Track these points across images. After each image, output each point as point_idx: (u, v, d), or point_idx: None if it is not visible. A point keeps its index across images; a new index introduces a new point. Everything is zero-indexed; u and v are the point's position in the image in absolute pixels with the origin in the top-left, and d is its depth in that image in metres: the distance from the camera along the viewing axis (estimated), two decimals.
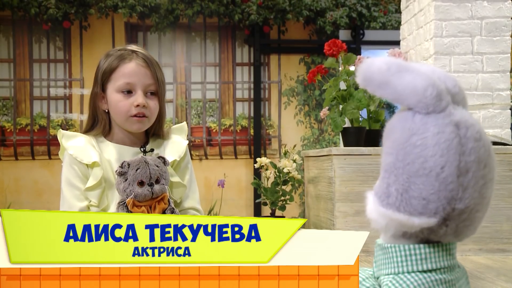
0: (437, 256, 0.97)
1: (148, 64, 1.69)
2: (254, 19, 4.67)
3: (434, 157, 0.91)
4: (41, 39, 4.58)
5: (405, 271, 0.96)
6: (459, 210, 0.92)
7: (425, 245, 0.97)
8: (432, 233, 0.95)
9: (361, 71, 0.96)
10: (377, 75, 0.94)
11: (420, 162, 0.91)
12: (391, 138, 0.96)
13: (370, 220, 0.99)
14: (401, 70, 0.93)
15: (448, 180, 0.91)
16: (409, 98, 0.93)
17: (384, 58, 0.97)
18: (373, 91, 0.96)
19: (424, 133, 0.92)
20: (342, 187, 2.66)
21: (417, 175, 0.92)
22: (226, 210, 4.63)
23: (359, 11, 4.77)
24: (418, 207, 0.92)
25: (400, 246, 0.98)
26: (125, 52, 1.70)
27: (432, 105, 0.92)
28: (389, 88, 0.94)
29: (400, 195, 0.93)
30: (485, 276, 2.22)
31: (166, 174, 1.67)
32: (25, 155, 4.53)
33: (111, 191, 1.69)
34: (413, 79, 0.92)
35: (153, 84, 1.70)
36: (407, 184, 0.93)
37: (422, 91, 0.92)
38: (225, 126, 4.67)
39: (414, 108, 0.93)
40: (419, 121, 0.93)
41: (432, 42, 2.88)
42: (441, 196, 0.91)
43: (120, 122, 1.69)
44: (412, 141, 0.92)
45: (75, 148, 1.69)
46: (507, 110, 2.91)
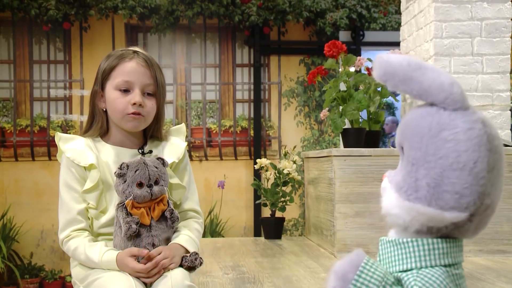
0: (456, 251, 0.98)
1: (148, 64, 1.70)
2: (254, 20, 4.68)
3: (467, 152, 0.92)
4: (41, 40, 4.59)
5: (428, 265, 0.96)
6: (485, 205, 0.95)
7: (446, 240, 0.97)
8: (456, 229, 0.96)
9: (381, 65, 0.97)
10: (399, 70, 0.95)
11: (453, 156, 0.93)
12: (417, 133, 0.96)
13: (389, 216, 0.98)
14: (421, 67, 0.95)
15: (480, 175, 0.92)
16: (436, 94, 0.94)
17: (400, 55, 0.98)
18: (394, 86, 0.97)
19: (454, 128, 0.93)
20: (342, 188, 2.66)
21: (451, 169, 0.93)
22: (226, 211, 4.63)
23: (359, 12, 4.77)
24: (451, 201, 0.93)
25: (422, 240, 0.97)
26: (126, 52, 1.71)
27: (460, 102, 0.94)
28: (414, 84, 0.95)
29: (432, 189, 0.94)
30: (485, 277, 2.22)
31: (165, 176, 1.67)
32: (25, 156, 4.53)
33: (109, 192, 1.69)
34: (438, 76, 0.94)
35: (152, 85, 1.70)
36: (439, 178, 0.93)
37: (449, 87, 0.94)
38: (225, 127, 4.67)
39: (440, 104, 0.95)
40: (447, 117, 0.94)
41: (432, 43, 2.88)
42: (473, 191, 0.93)
43: (117, 120, 1.70)
44: (443, 136, 0.93)
45: (72, 151, 1.69)
46: (507, 111, 2.91)
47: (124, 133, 1.73)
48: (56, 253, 4.47)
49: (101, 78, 1.71)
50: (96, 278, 1.59)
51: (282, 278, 2.22)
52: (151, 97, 1.71)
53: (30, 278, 4.48)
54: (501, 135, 2.88)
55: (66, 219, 1.67)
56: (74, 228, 1.66)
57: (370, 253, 2.64)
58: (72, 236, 1.66)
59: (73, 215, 1.66)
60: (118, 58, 1.69)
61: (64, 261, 4.44)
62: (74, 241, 1.65)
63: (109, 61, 1.70)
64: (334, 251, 2.68)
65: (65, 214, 1.67)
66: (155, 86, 1.70)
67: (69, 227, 1.66)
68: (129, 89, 1.68)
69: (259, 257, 2.68)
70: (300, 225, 4.64)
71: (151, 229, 1.63)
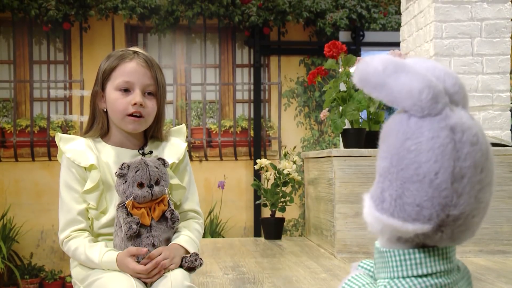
0: (433, 261, 0.95)
1: (149, 64, 1.70)
2: (254, 20, 4.68)
3: (428, 163, 0.88)
4: (41, 40, 4.59)
5: (400, 276, 0.95)
6: (453, 216, 0.90)
7: (420, 250, 0.95)
8: (427, 238, 0.93)
9: (358, 71, 0.94)
10: (372, 76, 0.91)
11: (414, 168, 0.89)
12: (386, 141, 0.94)
13: (366, 223, 0.98)
14: (397, 70, 0.91)
15: (442, 186, 0.88)
16: (404, 101, 0.90)
17: (382, 57, 0.94)
18: (369, 92, 0.93)
19: (418, 137, 0.89)
20: (342, 188, 2.66)
21: (411, 181, 0.89)
22: (226, 212, 4.63)
23: (359, 12, 4.77)
24: (412, 213, 0.90)
25: (395, 251, 0.96)
26: (127, 52, 1.71)
27: (427, 108, 0.89)
28: (385, 90, 0.91)
29: (394, 201, 0.91)
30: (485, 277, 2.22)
31: (165, 176, 1.67)
32: (25, 157, 4.53)
33: (109, 193, 1.69)
34: (409, 80, 0.89)
35: (152, 85, 1.70)
36: (401, 190, 0.90)
37: (417, 94, 0.89)
38: (225, 127, 4.68)
39: (409, 111, 0.91)
40: (414, 125, 0.90)
41: (432, 44, 2.88)
42: (434, 203, 0.89)
43: (117, 120, 1.70)
44: (406, 146, 0.90)
45: (73, 151, 1.69)
46: (507, 112, 2.91)
47: (124, 133, 1.73)
48: (56, 253, 4.47)
49: (101, 78, 1.71)
50: (97, 278, 1.59)
51: (282, 278, 2.22)
52: (152, 97, 1.71)
53: (30, 278, 4.48)
54: (501, 135, 2.88)
55: (66, 219, 1.67)
56: (74, 229, 1.66)
57: (369, 253, 2.64)
58: (72, 236, 1.66)
59: (73, 215, 1.66)
60: (119, 59, 1.69)
61: (64, 261, 4.44)
62: (74, 242, 1.65)
63: (109, 62, 1.70)
64: (334, 252, 2.68)
65: (65, 215, 1.67)
66: (156, 86, 1.70)
67: (69, 228, 1.66)
68: (130, 89, 1.68)
69: (259, 258, 2.68)
70: (300, 225, 4.64)
71: (151, 229, 1.63)
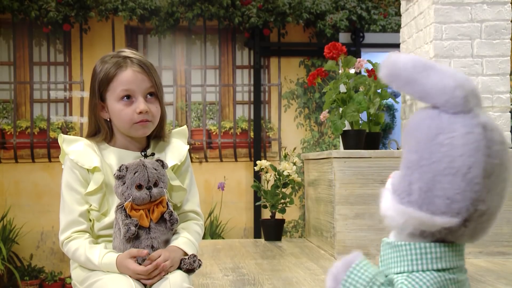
0: (451, 256, 0.97)
1: (144, 69, 1.69)
2: (254, 22, 4.68)
3: (462, 157, 0.91)
4: (41, 42, 4.59)
5: (420, 269, 0.96)
6: (481, 211, 0.93)
7: (440, 244, 0.97)
8: (450, 234, 0.95)
9: (387, 66, 0.97)
10: (403, 72, 0.95)
11: (447, 161, 0.91)
12: (415, 136, 0.96)
13: (385, 217, 0.98)
14: (427, 68, 0.94)
15: (474, 181, 0.91)
16: (437, 97, 0.93)
17: (409, 55, 0.98)
18: (398, 87, 0.97)
19: (451, 132, 0.92)
20: (342, 189, 2.66)
21: (443, 174, 0.92)
22: (226, 213, 4.63)
23: (359, 14, 4.77)
24: (441, 206, 0.92)
25: (415, 244, 0.97)
26: (120, 59, 1.68)
27: (460, 105, 0.92)
28: (417, 86, 0.94)
29: (423, 193, 0.93)
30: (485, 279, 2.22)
31: (164, 177, 1.66)
32: (25, 158, 4.53)
33: (112, 195, 1.69)
34: (441, 78, 0.93)
35: (152, 87, 1.70)
36: (431, 182, 0.92)
37: (451, 91, 0.92)
38: (225, 128, 4.67)
39: (441, 107, 0.94)
40: (446, 120, 0.93)
41: (432, 45, 2.88)
42: (466, 197, 0.91)
43: (125, 130, 1.70)
44: (439, 140, 0.92)
45: (76, 153, 1.69)
46: (507, 113, 2.91)
47: (128, 138, 1.73)
48: (56, 254, 4.47)
49: (98, 90, 1.70)
50: (96, 280, 1.59)
51: (282, 279, 2.22)
52: (154, 99, 1.71)
53: (30, 280, 4.47)
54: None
55: (67, 220, 1.67)
56: (75, 230, 1.66)
57: (370, 254, 2.64)
58: (73, 237, 1.66)
59: (75, 216, 1.66)
60: (114, 68, 1.66)
61: (64, 262, 4.44)
62: (75, 243, 1.65)
63: (104, 71, 1.68)
64: (334, 253, 2.68)
65: (67, 216, 1.67)
66: (155, 87, 1.71)
67: (70, 229, 1.66)
68: (131, 96, 1.67)
69: (259, 259, 2.68)
70: (300, 226, 4.64)
71: (150, 231, 1.63)
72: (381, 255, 1.04)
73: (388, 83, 0.98)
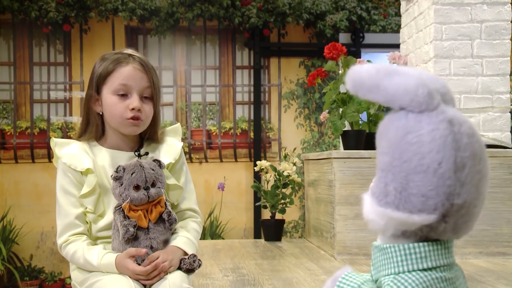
0: (437, 254, 0.97)
1: (145, 68, 1.69)
2: (254, 22, 4.68)
3: (431, 153, 0.92)
4: (41, 42, 4.59)
5: (405, 270, 0.97)
6: (457, 205, 0.93)
7: (424, 244, 0.97)
8: (432, 231, 0.96)
9: (350, 76, 0.99)
10: (367, 79, 0.96)
11: (417, 159, 0.93)
12: (385, 138, 0.97)
13: (367, 221, 0.99)
14: (390, 73, 0.96)
15: (445, 175, 0.92)
16: (401, 98, 0.95)
17: (371, 64, 0.99)
18: (364, 95, 0.98)
19: (419, 130, 0.93)
20: (342, 190, 2.66)
21: (415, 172, 0.93)
22: (226, 213, 4.63)
23: (359, 14, 4.77)
24: (418, 204, 0.93)
25: (399, 246, 0.98)
26: (122, 56, 1.70)
27: (425, 103, 0.94)
28: (380, 91, 0.95)
29: (398, 193, 0.94)
30: (485, 279, 2.21)
31: (162, 177, 1.66)
32: (25, 158, 4.53)
33: (107, 196, 1.69)
34: (404, 80, 0.95)
35: (149, 88, 1.70)
36: (405, 182, 0.94)
37: (414, 90, 0.94)
38: (225, 129, 4.67)
39: (406, 107, 0.95)
40: (412, 120, 0.94)
41: (432, 46, 2.88)
42: (439, 192, 0.92)
43: (115, 124, 1.69)
44: (407, 139, 0.94)
45: (69, 156, 1.68)
46: (507, 113, 2.91)
47: (121, 136, 1.73)
48: (56, 255, 4.47)
49: (96, 82, 1.70)
50: (96, 280, 1.59)
51: (282, 280, 2.22)
52: (149, 100, 1.70)
53: (30, 280, 4.47)
54: (500, 137, 2.88)
55: (64, 224, 1.67)
56: (72, 233, 1.66)
57: (369, 255, 2.63)
58: (71, 240, 1.66)
59: (71, 219, 1.66)
60: (114, 63, 1.68)
61: (64, 263, 4.44)
62: (73, 246, 1.65)
63: (104, 65, 1.69)
64: (334, 253, 2.68)
65: (63, 219, 1.67)
66: (152, 89, 1.70)
67: (67, 232, 1.66)
68: (127, 94, 1.67)
69: (259, 259, 2.68)
70: (300, 227, 4.64)
71: (149, 231, 1.63)
72: (372, 259, 1.05)
73: (354, 93, 0.99)
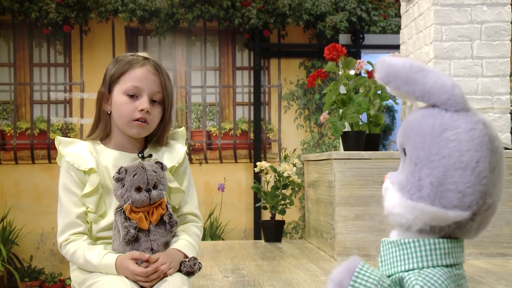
0: (458, 252, 0.99)
1: (159, 72, 1.71)
2: (254, 23, 4.68)
3: (470, 151, 0.94)
4: (42, 43, 4.59)
5: (430, 265, 0.97)
6: (487, 205, 0.96)
7: (448, 240, 0.99)
8: (458, 228, 0.98)
9: (383, 67, 0.99)
10: (402, 72, 0.97)
11: (456, 156, 0.94)
12: (419, 133, 0.98)
13: (391, 215, 0.99)
14: (423, 69, 0.97)
15: (482, 174, 0.94)
16: (438, 96, 0.96)
17: (401, 57, 1.00)
18: (396, 87, 0.98)
19: (456, 128, 0.95)
20: (342, 191, 2.66)
21: (454, 168, 0.94)
22: (226, 214, 4.63)
23: (359, 15, 4.77)
24: (454, 200, 0.94)
25: (424, 241, 0.98)
26: (137, 57, 1.71)
27: (461, 103, 0.96)
28: (417, 85, 0.97)
29: (435, 188, 0.95)
30: (485, 280, 2.21)
31: (163, 180, 1.66)
32: (25, 159, 4.53)
33: (108, 197, 1.69)
34: (439, 78, 0.96)
35: (160, 92, 1.70)
36: (443, 177, 0.95)
37: (451, 89, 0.96)
38: (225, 130, 4.68)
39: (442, 105, 0.97)
40: (449, 118, 0.96)
41: (432, 46, 2.88)
42: (476, 190, 0.94)
43: (121, 124, 1.70)
44: (445, 136, 0.95)
45: (72, 155, 1.69)
46: (507, 114, 2.91)
47: (126, 136, 1.73)
48: (56, 256, 4.47)
49: (109, 81, 1.71)
50: (95, 281, 1.59)
51: (282, 281, 2.22)
52: (158, 105, 1.71)
53: (30, 281, 4.47)
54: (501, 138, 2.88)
55: (65, 222, 1.67)
56: (73, 232, 1.66)
57: (370, 256, 2.64)
58: (71, 239, 1.66)
59: (72, 218, 1.66)
60: (129, 64, 1.69)
61: (64, 264, 4.44)
62: (73, 245, 1.65)
63: (118, 65, 1.70)
64: (334, 254, 2.68)
65: (64, 218, 1.67)
66: (163, 94, 1.71)
67: (68, 231, 1.66)
68: (137, 95, 1.68)
69: (259, 260, 2.68)
70: (300, 228, 4.64)
71: (149, 233, 1.63)
72: (381, 256, 1.04)
73: (385, 84, 0.99)
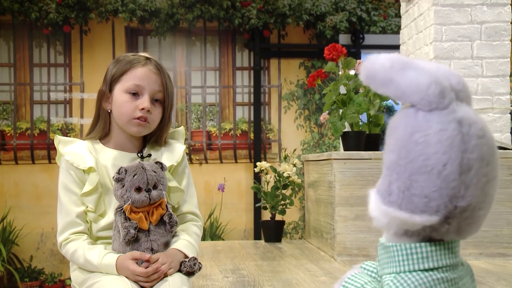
0: (439, 255, 0.96)
1: (160, 72, 1.71)
2: (254, 23, 4.68)
3: (436, 154, 0.90)
4: (42, 43, 4.59)
5: (406, 270, 0.96)
6: (461, 208, 0.92)
7: (426, 244, 0.96)
8: (434, 231, 0.95)
9: (365, 68, 0.96)
10: (380, 73, 0.94)
11: (422, 159, 0.91)
12: (394, 135, 0.96)
13: (372, 218, 0.98)
14: (404, 67, 0.93)
15: (450, 177, 0.90)
16: (412, 95, 0.92)
17: (388, 55, 0.96)
18: (376, 88, 0.96)
19: (426, 130, 0.91)
20: (342, 191, 2.66)
21: (419, 173, 0.91)
22: (226, 214, 4.63)
23: (359, 15, 4.77)
24: (420, 204, 0.91)
25: (401, 245, 0.97)
26: (139, 57, 1.72)
27: (435, 102, 0.91)
28: (392, 86, 0.93)
29: (401, 193, 0.93)
30: (485, 280, 2.22)
31: (163, 180, 1.66)
32: (25, 159, 4.53)
33: (108, 196, 1.69)
34: (417, 76, 0.92)
35: (161, 92, 1.71)
36: (408, 181, 0.92)
37: (425, 88, 0.91)
38: (225, 130, 4.68)
39: (417, 105, 0.93)
40: (421, 118, 0.92)
41: (432, 47, 2.89)
42: (442, 194, 0.90)
43: (122, 123, 1.70)
44: (414, 139, 0.92)
45: (72, 154, 1.69)
46: (507, 115, 2.91)
47: (126, 136, 1.73)
48: (56, 256, 4.47)
49: (110, 80, 1.71)
50: (95, 281, 1.59)
51: (282, 281, 2.22)
52: (158, 104, 1.72)
53: (30, 281, 4.47)
54: (500, 138, 2.88)
55: (64, 222, 1.67)
56: (73, 231, 1.66)
57: (370, 256, 2.64)
58: (71, 239, 1.66)
59: (72, 218, 1.66)
60: (131, 63, 1.70)
61: (64, 264, 4.44)
62: (73, 244, 1.65)
63: (120, 65, 1.70)
64: (334, 254, 2.68)
65: (64, 217, 1.67)
66: (164, 93, 1.71)
67: (68, 230, 1.66)
68: (138, 94, 1.68)
69: (259, 260, 2.68)
70: (300, 228, 4.64)
71: (149, 233, 1.63)
72: (378, 255, 1.04)
73: (367, 85, 0.97)
